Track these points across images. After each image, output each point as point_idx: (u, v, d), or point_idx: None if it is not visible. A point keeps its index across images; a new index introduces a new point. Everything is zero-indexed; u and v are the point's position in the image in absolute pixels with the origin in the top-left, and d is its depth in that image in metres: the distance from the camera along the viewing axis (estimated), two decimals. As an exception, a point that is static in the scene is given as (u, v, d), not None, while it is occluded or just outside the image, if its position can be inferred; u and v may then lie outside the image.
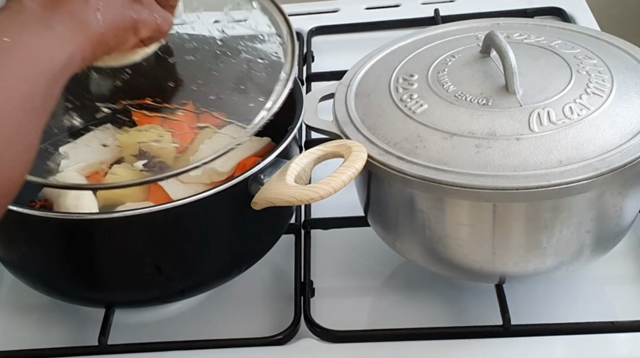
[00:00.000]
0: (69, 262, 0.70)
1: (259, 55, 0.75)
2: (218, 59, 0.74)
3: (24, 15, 0.53)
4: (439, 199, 0.66)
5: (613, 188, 0.65)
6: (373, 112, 0.72)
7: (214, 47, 0.75)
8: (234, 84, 0.72)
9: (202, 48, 0.75)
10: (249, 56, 0.75)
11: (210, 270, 0.72)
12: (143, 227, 0.67)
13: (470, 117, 0.67)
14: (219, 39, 0.76)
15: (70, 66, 0.54)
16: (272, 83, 0.71)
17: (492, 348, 0.69)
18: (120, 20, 0.59)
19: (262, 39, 0.76)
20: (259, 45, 0.76)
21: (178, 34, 0.75)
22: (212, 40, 0.76)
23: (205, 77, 0.72)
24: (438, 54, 0.76)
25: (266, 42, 0.76)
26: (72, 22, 0.55)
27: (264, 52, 0.75)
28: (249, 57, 0.75)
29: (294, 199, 0.65)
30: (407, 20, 1.11)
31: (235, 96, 0.71)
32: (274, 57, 0.74)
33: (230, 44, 0.76)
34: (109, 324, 0.72)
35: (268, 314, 0.76)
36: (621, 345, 0.69)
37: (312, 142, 0.85)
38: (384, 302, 0.77)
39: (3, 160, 0.48)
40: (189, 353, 0.71)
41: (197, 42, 0.76)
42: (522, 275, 0.70)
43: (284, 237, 0.77)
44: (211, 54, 0.74)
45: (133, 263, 0.69)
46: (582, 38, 0.77)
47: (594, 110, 0.66)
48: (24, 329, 0.77)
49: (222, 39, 0.76)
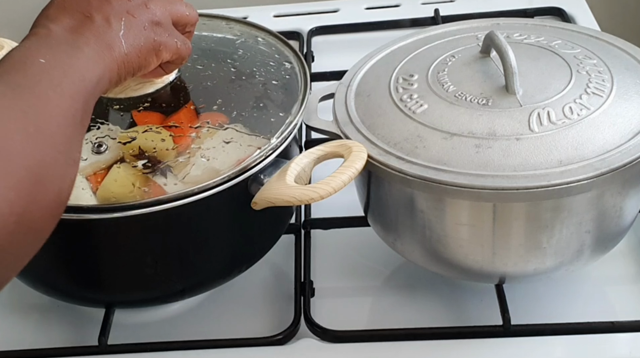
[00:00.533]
0: (69, 262, 0.70)
1: (272, 78, 0.77)
2: (234, 83, 0.76)
3: (52, 38, 0.56)
4: (439, 199, 0.66)
5: (613, 188, 0.65)
6: (373, 112, 0.72)
7: (229, 75, 0.77)
8: (253, 103, 0.74)
9: (218, 75, 0.77)
10: (263, 79, 0.77)
11: (210, 270, 0.72)
12: (143, 226, 0.67)
13: (470, 117, 0.67)
14: (232, 67, 0.78)
15: (99, 86, 0.57)
16: (288, 100, 0.74)
17: (492, 348, 0.69)
18: (143, 42, 0.62)
19: (273, 65, 0.78)
20: (271, 70, 0.78)
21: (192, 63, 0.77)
22: (226, 68, 0.78)
23: (225, 99, 0.74)
24: (438, 54, 0.76)
25: (276, 66, 0.78)
26: (97, 45, 0.58)
27: (276, 75, 0.77)
28: (263, 79, 0.77)
29: (294, 199, 0.65)
30: (407, 20, 1.11)
31: (256, 113, 0.73)
32: (286, 77, 0.77)
33: (244, 69, 0.77)
34: (109, 324, 0.72)
35: (268, 314, 0.76)
36: (621, 345, 0.69)
37: (312, 142, 0.85)
38: (384, 302, 0.77)
39: (56, 173, 0.51)
40: (189, 353, 0.71)
41: (211, 70, 0.77)
42: (522, 275, 0.70)
43: (284, 237, 0.77)
44: (227, 79, 0.76)
45: (133, 263, 0.69)
46: (582, 38, 0.77)
47: (594, 110, 0.66)
48: (24, 329, 0.77)
49: (235, 66, 0.78)
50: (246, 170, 0.67)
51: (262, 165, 0.68)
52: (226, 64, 0.79)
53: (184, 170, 0.68)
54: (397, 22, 1.11)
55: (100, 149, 0.69)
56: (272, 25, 1.11)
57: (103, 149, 0.69)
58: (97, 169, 0.69)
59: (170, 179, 0.67)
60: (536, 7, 1.11)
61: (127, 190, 0.67)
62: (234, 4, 1.23)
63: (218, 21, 0.85)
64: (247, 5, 1.20)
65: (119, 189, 0.67)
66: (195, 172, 0.67)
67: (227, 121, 0.72)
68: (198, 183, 0.66)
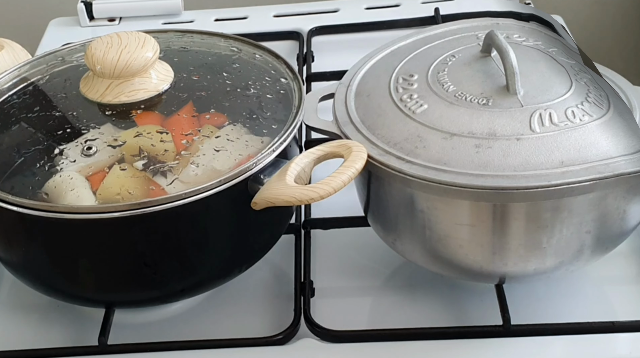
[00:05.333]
0: (69, 262, 0.70)
1: (267, 92, 0.77)
2: (229, 94, 0.76)
3: None
4: (439, 199, 0.66)
5: (617, 192, 0.65)
6: (373, 112, 0.72)
7: (224, 87, 0.77)
8: (247, 114, 0.74)
9: (213, 86, 0.77)
10: (258, 92, 0.77)
11: (210, 270, 0.72)
12: (143, 226, 0.67)
13: (470, 117, 0.67)
14: (228, 79, 0.79)
15: None
16: (282, 112, 0.74)
17: (492, 348, 0.69)
18: None
19: (268, 79, 0.79)
20: (266, 84, 0.78)
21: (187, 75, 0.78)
22: (221, 79, 0.78)
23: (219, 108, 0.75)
24: (438, 53, 0.76)
25: (271, 81, 0.78)
26: None
27: (270, 89, 0.77)
28: (258, 93, 0.77)
29: (294, 199, 0.65)
30: (407, 20, 1.11)
31: (248, 124, 0.73)
32: (281, 92, 0.77)
33: (239, 83, 0.78)
34: (109, 324, 0.72)
35: (268, 314, 0.76)
36: (621, 345, 0.69)
37: (312, 142, 0.85)
38: (384, 302, 0.77)
39: None
40: (189, 353, 0.71)
41: (207, 82, 0.78)
42: (522, 275, 0.70)
43: (283, 237, 0.77)
44: (222, 91, 0.77)
45: (133, 264, 0.69)
46: (573, 54, 0.76)
47: (596, 118, 0.66)
48: (24, 329, 0.77)
49: (230, 79, 0.79)
50: (246, 170, 0.67)
51: (262, 165, 0.68)
52: (222, 77, 0.79)
53: (184, 170, 0.68)
54: (397, 22, 1.11)
55: (89, 152, 0.69)
56: (272, 25, 1.15)
57: (92, 151, 0.69)
58: (97, 170, 0.69)
59: (169, 179, 0.68)
60: (530, 13, 1.09)
61: (127, 190, 0.68)
62: (234, 4, 1.23)
63: (216, 38, 0.86)
64: (247, 5, 1.21)
65: (119, 189, 0.67)
66: (195, 172, 0.68)
67: (227, 121, 0.73)
68: (198, 183, 0.66)
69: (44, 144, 0.72)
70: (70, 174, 0.69)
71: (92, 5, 1.18)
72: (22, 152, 0.72)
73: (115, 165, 0.69)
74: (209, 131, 0.72)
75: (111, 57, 0.74)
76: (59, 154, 0.71)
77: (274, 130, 0.72)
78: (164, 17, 1.17)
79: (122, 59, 0.73)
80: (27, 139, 0.73)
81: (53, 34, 1.17)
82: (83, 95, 0.75)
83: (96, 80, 0.75)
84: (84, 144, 0.70)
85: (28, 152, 0.71)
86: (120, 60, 0.73)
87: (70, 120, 0.74)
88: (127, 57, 0.74)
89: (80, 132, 0.72)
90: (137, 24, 1.15)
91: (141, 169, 0.68)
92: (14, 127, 0.75)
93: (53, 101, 0.77)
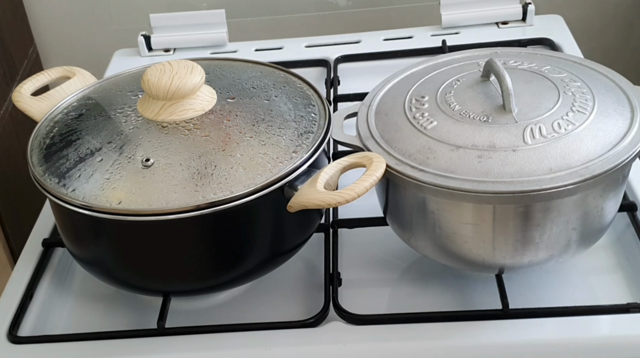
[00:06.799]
0: (133, 258, 0.72)
1: (299, 112, 0.77)
2: (266, 113, 0.76)
3: None
4: (447, 202, 0.67)
5: (595, 191, 0.66)
6: (390, 128, 0.73)
7: (262, 107, 0.78)
8: (282, 130, 0.74)
9: (252, 107, 0.77)
10: (292, 112, 0.77)
11: (252, 263, 0.73)
12: (197, 227, 0.69)
13: (473, 132, 0.68)
14: (265, 100, 0.79)
15: None
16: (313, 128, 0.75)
17: (493, 328, 0.71)
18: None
19: (300, 101, 0.79)
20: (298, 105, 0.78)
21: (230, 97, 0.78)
22: (259, 101, 0.78)
23: (258, 125, 0.75)
24: (445, 78, 0.77)
25: (303, 103, 0.79)
26: None
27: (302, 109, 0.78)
28: (291, 112, 0.77)
29: (324, 203, 0.67)
30: (419, 49, 1.12)
31: (284, 139, 0.73)
32: (311, 113, 0.77)
33: (275, 104, 0.78)
34: (166, 310, 0.74)
35: (302, 301, 0.78)
36: (603, 325, 0.71)
37: (339, 153, 0.86)
38: (400, 290, 0.78)
39: None
40: (234, 335, 0.73)
41: (247, 103, 0.78)
42: (519, 266, 0.71)
43: (315, 235, 0.79)
44: (260, 111, 0.77)
45: (188, 259, 0.71)
46: (568, 64, 0.78)
47: (578, 126, 0.68)
48: (93, 315, 0.79)
49: (268, 100, 0.79)
50: (283, 178, 0.69)
51: (296, 174, 0.70)
52: (259, 98, 0.79)
53: (230, 177, 0.69)
54: (410, 51, 1.12)
55: (147, 163, 0.70)
56: (304, 54, 1.16)
57: (150, 163, 0.70)
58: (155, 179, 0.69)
59: (215, 187, 0.69)
60: (529, 38, 1.12)
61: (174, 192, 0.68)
62: (272, 36, 1.25)
63: (255, 66, 0.86)
64: (283, 37, 1.22)
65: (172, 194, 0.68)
66: (240, 178, 0.69)
67: (265, 137, 0.73)
68: (242, 189, 0.67)
69: (110, 155, 0.72)
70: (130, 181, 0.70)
71: (150, 38, 1.20)
72: (88, 161, 0.73)
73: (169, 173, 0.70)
74: (250, 145, 0.72)
75: (164, 82, 0.74)
76: (120, 163, 0.72)
77: (306, 144, 0.73)
78: (211, 48, 1.19)
79: (173, 84, 0.74)
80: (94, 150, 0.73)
81: (117, 62, 1.19)
82: (141, 115, 0.76)
83: (151, 101, 0.76)
84: (142, 156, 0.72)
85: (94, 162, 0.72)
86: (172, 85, 0.74)
87: (131, 136, 0.74)
88: (177, 82, 0.74)
89: (139, 145, 0.73)
90: (188, 53, 1.18)
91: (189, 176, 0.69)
92: (80, 140, 0.75)
93: (114, 119, 0.77)
